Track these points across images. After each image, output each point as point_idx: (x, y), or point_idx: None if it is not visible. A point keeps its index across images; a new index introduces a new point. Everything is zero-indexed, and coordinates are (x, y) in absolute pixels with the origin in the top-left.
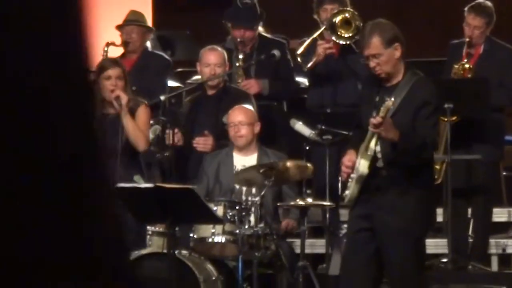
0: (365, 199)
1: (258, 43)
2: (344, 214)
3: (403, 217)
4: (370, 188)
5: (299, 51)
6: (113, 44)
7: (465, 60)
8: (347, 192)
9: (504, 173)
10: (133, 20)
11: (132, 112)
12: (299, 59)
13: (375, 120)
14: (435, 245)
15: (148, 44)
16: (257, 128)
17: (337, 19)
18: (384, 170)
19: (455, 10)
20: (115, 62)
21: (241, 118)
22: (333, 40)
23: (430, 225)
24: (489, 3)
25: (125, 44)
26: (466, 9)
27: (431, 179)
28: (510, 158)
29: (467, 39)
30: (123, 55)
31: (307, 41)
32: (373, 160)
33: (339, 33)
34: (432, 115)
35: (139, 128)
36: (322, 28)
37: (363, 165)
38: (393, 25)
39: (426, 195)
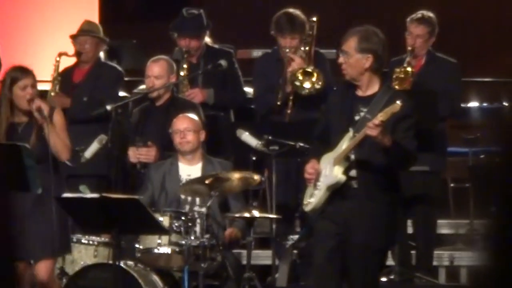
0: (332, 210)
1: (204, 53)
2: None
3: (368, 230)
4: (338, 199)
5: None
6: (65, 54)
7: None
8: (311, 199)
9: (452, 185)
10: (87, 30)
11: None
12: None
13: (376, 120)
14: None
15: (101, 54)
16: (202, 135)
17: (299, 73)
18: (355, 181)
19: (403, 25)
20: (26, 70)
21: (186, 125)
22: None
23: (394, 237)
24: (431, 14)
25: (78, 54)
26: (408, 19)
27: (399, 193)
28: (457, 170)
29: (409, 48)
30: (76, 65)
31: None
32: (347, 168)
33: (299, 83)
34: (411, 127)
35: (62, 140)
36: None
37: (337, 171)
38: (380, 40)
39: (393, 208)
